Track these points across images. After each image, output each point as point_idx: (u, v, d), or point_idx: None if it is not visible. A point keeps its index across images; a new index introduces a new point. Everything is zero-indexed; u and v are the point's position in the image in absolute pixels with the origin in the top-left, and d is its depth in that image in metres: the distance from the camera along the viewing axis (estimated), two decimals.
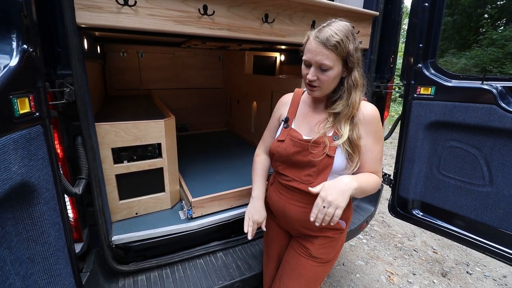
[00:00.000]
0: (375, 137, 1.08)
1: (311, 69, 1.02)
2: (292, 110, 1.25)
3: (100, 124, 1.43)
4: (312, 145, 1.08)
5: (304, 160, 1.10)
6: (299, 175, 1.12)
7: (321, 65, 0.99)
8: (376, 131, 1.08)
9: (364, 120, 1.06)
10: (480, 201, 1.50)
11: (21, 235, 0.78)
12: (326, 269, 1.24)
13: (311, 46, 1.00)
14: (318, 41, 0.97)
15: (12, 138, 0.70)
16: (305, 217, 1.13)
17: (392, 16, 1.85)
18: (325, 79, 1.01)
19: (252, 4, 1.36)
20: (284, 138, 1.17)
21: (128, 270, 1.44)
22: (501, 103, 1.35)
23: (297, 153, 1.11)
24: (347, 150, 1.05)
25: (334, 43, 0.95)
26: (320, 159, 1.05)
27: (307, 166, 1.10)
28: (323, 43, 0.96)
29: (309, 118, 1.18)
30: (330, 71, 1.00)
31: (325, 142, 1.06)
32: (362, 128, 1.06)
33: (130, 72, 3.14)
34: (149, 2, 1.14)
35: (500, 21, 8.99)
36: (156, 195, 1.72)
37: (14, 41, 0.74)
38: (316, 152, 1.07)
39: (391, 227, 3.29)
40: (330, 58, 0.98)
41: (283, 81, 2.53)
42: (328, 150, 1.04)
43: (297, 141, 1.12)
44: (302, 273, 1.20)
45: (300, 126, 1.19)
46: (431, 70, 1.63)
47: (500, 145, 1.40)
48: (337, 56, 0.98)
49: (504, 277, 2.52)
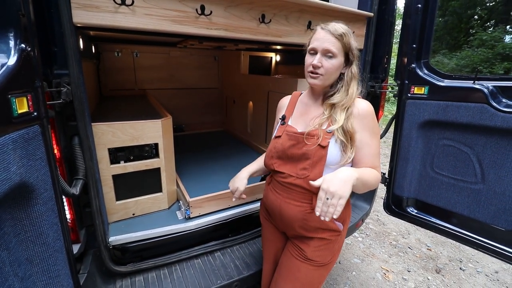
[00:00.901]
0: (372, 131, 1.09)
1: (317, 55, 1.06)
2: (289, 109, 1.27)
3: (97, 124, 1.42)
4: (307, 137, 1.09)
5: (298, 153, 1.11)
6: (295, 169, 1.13)
7: (328, 51, 1.05)
8: (372, 126, 1.09)
9: (359, 115, 1.08)
10: (472, 198, 1.53)
11: (20, 236, 0.78)
12: (322, 273, 1.22)
13: (318, 35, 1.06)
14: (326, 30, 1.06)
15: (11, 138, 0.69)
16: (301, 216, 1.13)
17: (386, 17, 1.88)
18: (329, 66, 1.06)
19: (248, 5, 1.37)
20: (281, 133, 1.20)
21: (126, 271, 1.43)
22: (492, 102, 1.38)
23: (292, 146, 1.13)
24: (341, 141, 1.06)
25: (341, 33, 1.04)
26: (314, 151, 1.06)
27: (302, 159, 1.10)
28: (331, 32, 1.04)
29: (305, 115, 1.20)
30: (334, 60, 1.06)
31: (319, 134, 1.07)
32: (358, 123, 1.07)
33: (125, 72, 3.12)
34: (147, 2, 1.14)
35: (489, 23, 9.18)
36: (153, 195, 1.71)
37: (12, 40, 0.73)
38: (310, 144, 1.08)
39: (386, 225, 3.34)
40: (336, 46, 1.05)
41: (279, 81, 2.54)
42: (321, 140, 1.06)
43: (292, 135, 1.14)
44: (297, 276, 1.18)
45: (297, 122, 1.21)
46: (424, 70, 1.65)
47: (492, 143, 1.43)
48: (342, 47, 1.06)
49: (496, 272, 2.58)
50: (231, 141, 3.33)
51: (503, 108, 1.35)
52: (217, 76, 3.75)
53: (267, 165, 1.25)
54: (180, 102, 3.54)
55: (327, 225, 1.13)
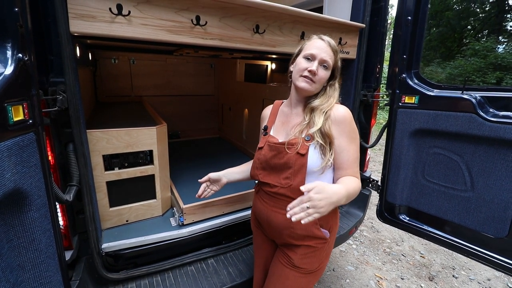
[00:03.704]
0: (349, 136, 1.10)
1: (315, 62, 1.09)
2: (271, 119, 1.30)
3: (92, 131, 1.43)
4: (288, 146, 1.11)
5: (280, 163, 1.12)
6: (278, 179, 1.14)
7: (325, 62, 1.09)
8: (349, 131, 1.10)
9: (336, 120, 1.09)
10: (462, 205, 1.56)
11: (12, 242, 0.79)
12: (310, 280, 1.22)
13: (317, 43, 1.10)
14: (326, 41, 1.11)
15: (6, 145, 0.71)
16: (288, 224, 1.14)
17: (378, 28, 1.93)
18: (323, 76, 1.11)
19: (243, 15, 1.40)
20: (263, 144, 1.22)
21: (118, 278, 1.43)
22: (480, 112, 1.42)
23: (274, 157, 1.15)
24: (320, 144, 1.07)
25: (336, 49, 1.12)
26: (294, 159, 1.08)
27: (284, 169, 1.12)
28: (329, 45, 1.11)
29: (286, 125, 1.23)
30: (326, 71, 1.12)
31: (298, 143, 1.09)
32: (335, 128, 1.08)
33: (121, 78, 3.14)
34: (143, 12, 1.16)
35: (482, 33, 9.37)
36: (147, 202, 1.72)
37: (9, 50, 0.75)
38: (291, 153, 1.10)
39: (380, 232, 3.35)
40: (331, 59, 1.11)
41: (274, 89, 2.58)
42: (299, 148, 1.07)
43: (273, 145, 1.16)
44: (286, 284, 1.18)
45: (278, 132, 1.24)
46: (414, 80, 1.70)
47: (480, 152, 1.46)
48: (333, 61, 1.12)
49: (488, 280, 2.59)
50: (227, 147, 3.34)
51: (490, 117, 1.39)
52: (213, 83, 3.79)
53: (252, 176, 1.27)
54: (176, 109, 3.56)
55: (314, 233, 1.14)
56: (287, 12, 1.50)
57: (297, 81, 1.13)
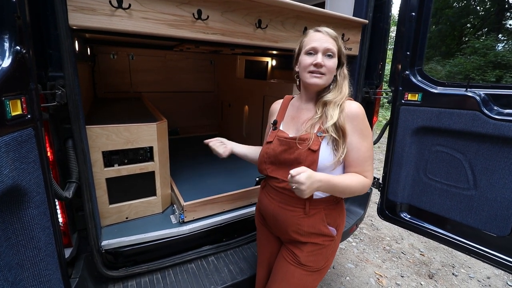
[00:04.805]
0: (362, 134, 1.07)
1: (318, 55, 1.07)
2: (281, 114, 1.28)
3: (91, 127, 1.41)
4: (299, 141, 1.09)
5: (291, 158, 1.10)
6: (287, 174, 1.12)
7: (328, 50, 1.08)
8: (362, 128, 1.08)
9: (348, 116, 1.07)
10: (465, 204, 1.55)
11: (11, 240, 0.77)
12: (316, 278, 1.20)
13: (316, 36, 1.09)
14: (322, 32, 1.10)
15: (3, 141, 0.69)
16: (294, 221, 1.13)
17: (380, 24, 1.91)
18: (331, 65, 1.09)
19: (245, 10, 1.38)
20: (272, 139, 1.20)
21: (118, 276, 1.42)
22: (484, 110, 1.40)
23: (284, 152, 1.13)
24: (334, 139, 1.05)
25: (335, 35, 1.11)
26: (306, 155, 1.06)
27: (293, 164, 1.08)
28: (327, 33, 1.09)
29: (296, 120, 1.20)
30: (333, 59, 1.10)
31: (310, 138, 1.07)
32: (347, 125, 1.06)
33: (120, 74, 3.11)
34: (144, 6, 1.14)
35: (481, 31, 9.36)
36: (147, 199, 1.70)
37: (7, 42, 0.73)
38: (302, 148, 1.07)
39: (379, 230, 3.35)
40: (334, 46, 1.09)
41: (275, 85, 2.56)
42: (311, 144, 1.05)
43: (283, 140, 1.14)
44: (291, 282, 1.17)
45: (288, 127, 1.21)
46: (417, 77, 1.68)
47: (484, 150, 1.45)
48: (336, 47, 1.10)
49: (488, 278, 2.60)
50: None
51: (494, 115, 1.38)
52: (213, 79, 3.76)
53: (260, 170, 1.25)
54: (176, 105, 3.54)
55: (321, 230, 1.13)
56: (290, 7, 1.48)
57: (306, 79, 1.11)
